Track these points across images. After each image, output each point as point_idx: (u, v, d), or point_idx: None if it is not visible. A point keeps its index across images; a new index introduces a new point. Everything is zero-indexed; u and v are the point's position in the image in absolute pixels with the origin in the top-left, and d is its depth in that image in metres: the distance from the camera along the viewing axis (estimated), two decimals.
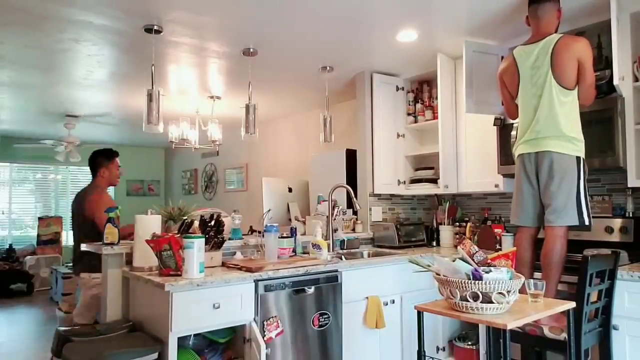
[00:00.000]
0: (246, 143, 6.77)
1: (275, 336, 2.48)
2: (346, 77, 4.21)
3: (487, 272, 1.77)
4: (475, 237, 3.43)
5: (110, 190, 6.59)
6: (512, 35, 3.15)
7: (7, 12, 2.81)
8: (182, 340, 2.24)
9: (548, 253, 2.38)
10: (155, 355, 2.13)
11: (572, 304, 1.93)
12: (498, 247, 3.19)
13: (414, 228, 3.80)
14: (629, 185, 2.66)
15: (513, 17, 2.90)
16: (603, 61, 2.78)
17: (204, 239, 2.35)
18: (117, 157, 3.49)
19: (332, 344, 2.74)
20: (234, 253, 2.90)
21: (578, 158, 2.39)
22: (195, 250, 2.25)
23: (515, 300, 1.81)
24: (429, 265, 1.99)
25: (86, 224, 3.21)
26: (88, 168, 3.45)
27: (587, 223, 2.38)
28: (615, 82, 2.57)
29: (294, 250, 3.01)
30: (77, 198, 3.40)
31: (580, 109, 2.45)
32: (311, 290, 2.66)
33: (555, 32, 2.54)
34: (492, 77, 3.02)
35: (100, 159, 3.42)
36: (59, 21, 2.95)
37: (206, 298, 2.24)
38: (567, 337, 1.99)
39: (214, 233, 2.68)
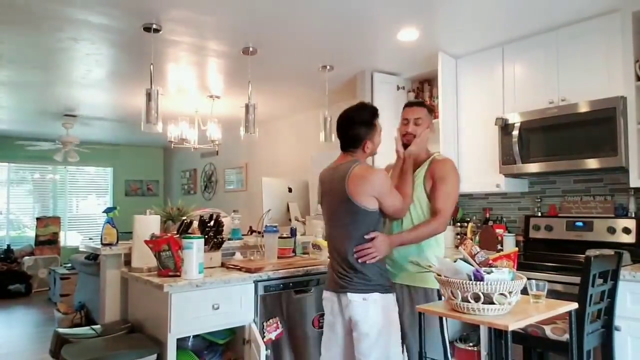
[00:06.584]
0: (246, 143, 6.75)
1: (275, 337, 2.46)
2: (346, 76, 4.19)
3: (488, 273, 1.74)
4: (477, 237, 3.41)
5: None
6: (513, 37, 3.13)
7: (6, 11, 2.79)
8: (181, 342, 2.23)
9: None
10: (154, 356, 2.12)
11: (574, 305, 1.91)
12: (499, 247, 3.18)
13: None
14: (631, 185, 2.64)
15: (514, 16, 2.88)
16: None
17: (203, 240, 2.34)
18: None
19: None
20: (234, 253, 2.88)
21: None
22: (195, 250, 2.23)
23: (516, 301, 1.79)
24: (429, 266, 1.97)
25: None
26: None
27: None
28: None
29: (294, 251, 2.99)
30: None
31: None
32: (311, 291, 2.64)
33: None
34: None
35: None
36: (57, 20, 2.92)
37: (205, 299, 2.23)
38: (569, 338, 1.97)
39: (213, 233, 2.67)
